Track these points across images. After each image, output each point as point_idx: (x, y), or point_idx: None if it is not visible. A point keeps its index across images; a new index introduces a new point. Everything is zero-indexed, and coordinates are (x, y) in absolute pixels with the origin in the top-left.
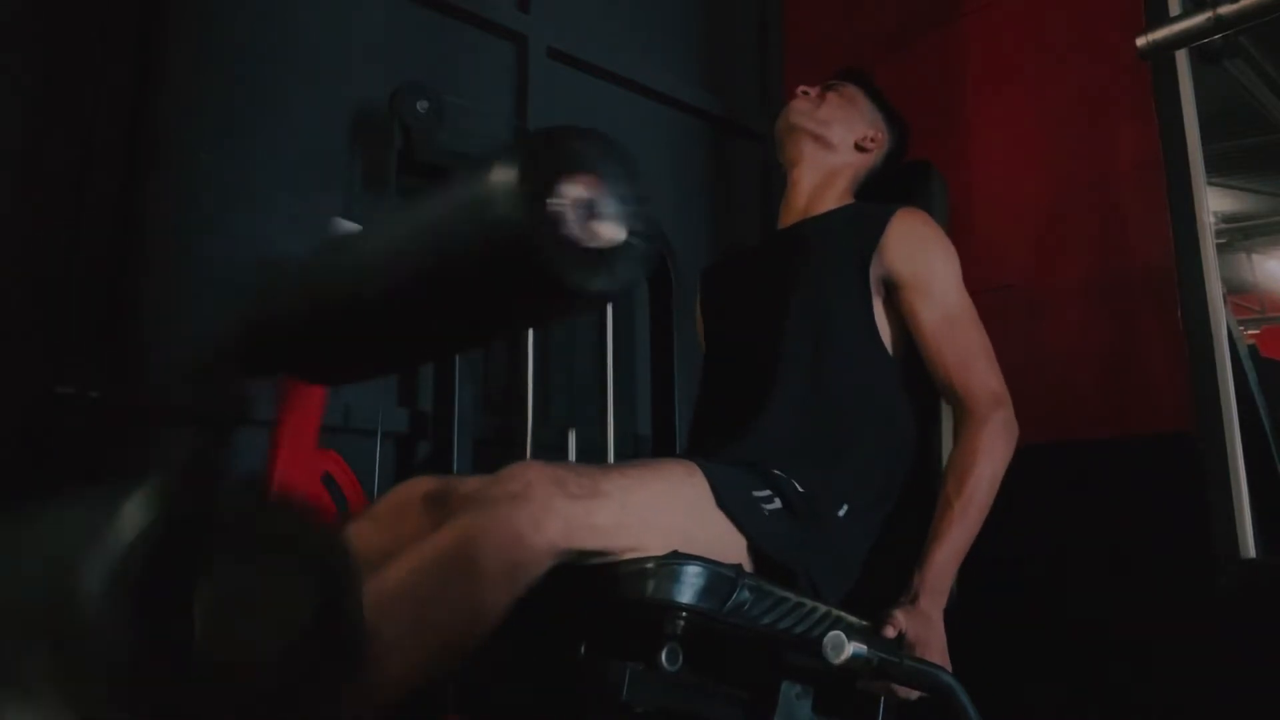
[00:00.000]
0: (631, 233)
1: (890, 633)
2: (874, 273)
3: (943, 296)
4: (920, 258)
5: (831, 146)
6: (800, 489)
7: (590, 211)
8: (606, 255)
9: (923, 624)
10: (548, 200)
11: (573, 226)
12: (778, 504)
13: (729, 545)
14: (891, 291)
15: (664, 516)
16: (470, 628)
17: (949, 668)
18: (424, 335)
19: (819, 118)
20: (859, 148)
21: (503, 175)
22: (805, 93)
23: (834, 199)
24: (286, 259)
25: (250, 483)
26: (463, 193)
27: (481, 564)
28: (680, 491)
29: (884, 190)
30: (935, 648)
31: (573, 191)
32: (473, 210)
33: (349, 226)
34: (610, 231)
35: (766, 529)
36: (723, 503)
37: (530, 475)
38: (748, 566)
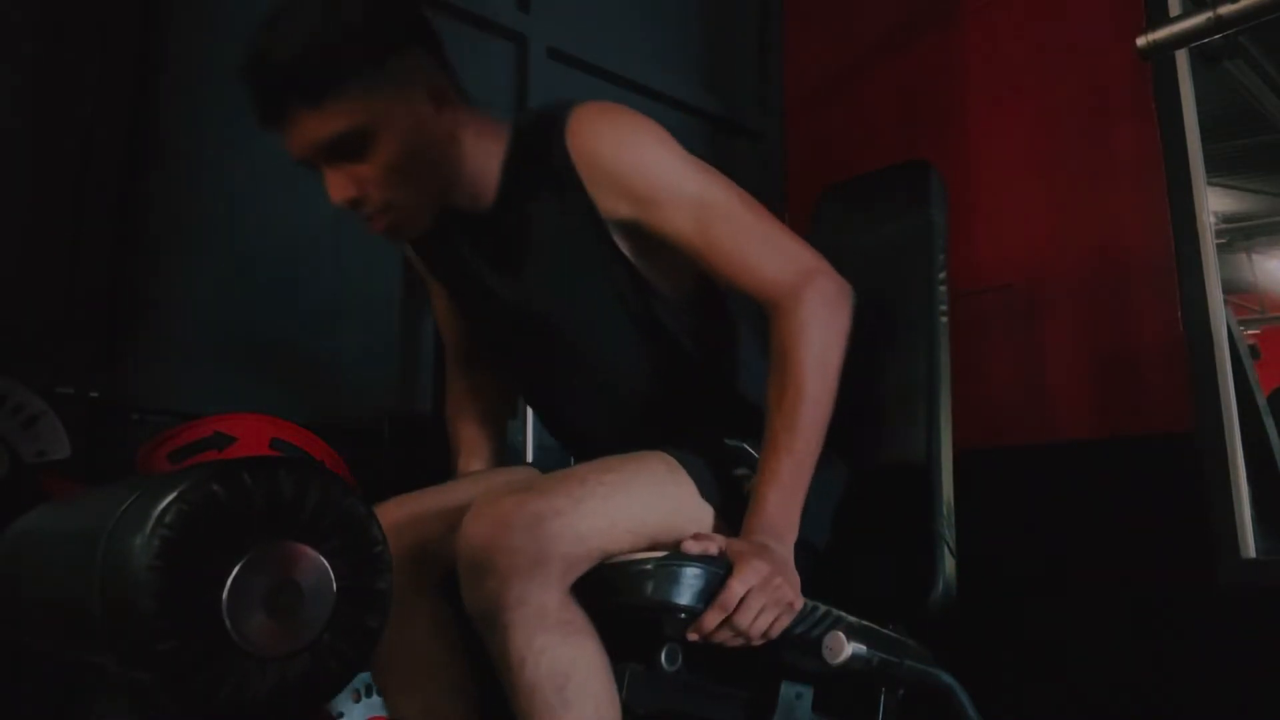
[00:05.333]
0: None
1: (690, 547)
2: (609, 226)
3: (677, 195)
4: (629, 170)
5: (425, 194)
6: (754, 454)
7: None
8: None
9: (756, 551)
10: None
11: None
12: (745, 470)
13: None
14: (633, 228)
15: (651, 517)
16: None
17: (799, 605)
18: None
19: (394, 214)
20: (433, 121)
21: None
22: (357, 202)
23: (486, 179)
24: None
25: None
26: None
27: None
28: (664, 490)
29: (881, 188)
30: (789, 580)
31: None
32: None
33: None
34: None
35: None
36: (707, 495)
37: (511, 536)
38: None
